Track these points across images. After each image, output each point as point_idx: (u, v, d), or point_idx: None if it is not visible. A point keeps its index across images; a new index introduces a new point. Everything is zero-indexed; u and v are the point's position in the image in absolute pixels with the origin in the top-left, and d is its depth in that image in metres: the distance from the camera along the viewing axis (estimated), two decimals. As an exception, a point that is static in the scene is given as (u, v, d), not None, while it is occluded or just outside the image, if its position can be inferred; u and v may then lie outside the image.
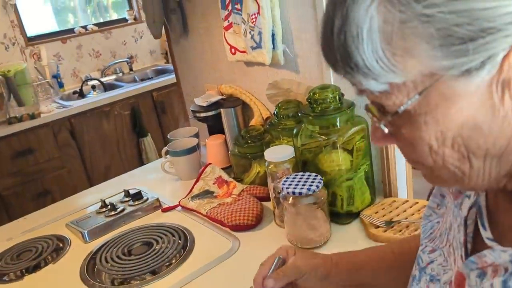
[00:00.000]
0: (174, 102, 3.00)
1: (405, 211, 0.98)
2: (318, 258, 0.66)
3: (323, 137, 0.97)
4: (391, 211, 0.98)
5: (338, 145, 0.96)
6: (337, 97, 0.97)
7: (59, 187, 2.62)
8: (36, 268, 1.05)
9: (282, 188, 0.93)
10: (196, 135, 1.44)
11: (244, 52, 1.20)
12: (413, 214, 0.96)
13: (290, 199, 0.93)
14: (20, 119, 2.41)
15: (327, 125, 0.98)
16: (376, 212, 0.98)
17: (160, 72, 3.21)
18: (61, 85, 2.95)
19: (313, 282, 0.64)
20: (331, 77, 1.06)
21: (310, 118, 0.98)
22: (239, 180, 1.26)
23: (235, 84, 1.37)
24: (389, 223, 0.93)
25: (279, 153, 1.02)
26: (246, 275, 0.89)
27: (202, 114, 1.31)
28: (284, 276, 0.63)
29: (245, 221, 1.04)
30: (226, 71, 1.41)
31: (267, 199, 1.14)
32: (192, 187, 1.25)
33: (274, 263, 0.65)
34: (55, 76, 2.91)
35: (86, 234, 1.12)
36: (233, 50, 1.24)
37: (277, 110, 1.12)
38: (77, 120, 2.64)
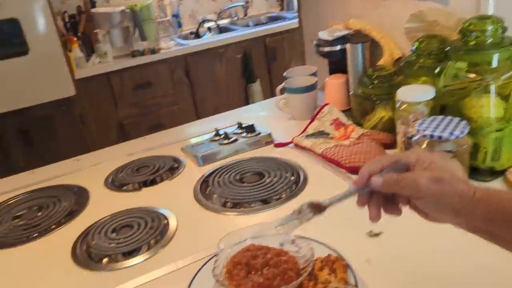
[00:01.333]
0: (286, 49, 2.93)
1: None
2: (453, 185, 0.51)
3: (474, 76, 0.83)
4: (547, 174, 0.82)
5: (492, 88, 0.81)
6: (498, 30, 0.81)
7: (171, 122, 2.75)
8: (152, 182, 1.08)
9: (418, 130, 0.82)
10: (314, 75, 1.36)
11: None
12: None
13: (425, 143, 0.82)
14: (142, 53, 2.54)
15: (481, 62, 0.83)
16: (527, 173, 0.83)
17: (274, 19, 3.14)
18: (179, 25, 3.03)
19: (434, 210, 0.53)
20: (490, 8, 0.88)
21: (461, 53, 0.83)
22: (358, 124, 1.17)
23: (364, 20, 1.24)
24: (546, 186, 0.78)
25: (416, 93, 0.90)
26: (360, 218, 0.82)
27: (326, 49, 1.22)
28: (398, 185, 0.52)
29: (365, 164, 0.95)
30: (355, 6, 1.28)
31: (390, 146, 1.04)
32: (307, 126, 1.19)
33: (394, 165, 0.55)
34: (175, 16, 3.00)
35: (200, 158, 1.13)
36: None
37: (416, 45, 0.99)
38: (192, 59, 2.70)
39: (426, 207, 0.53)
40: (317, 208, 0.64)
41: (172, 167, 1.14)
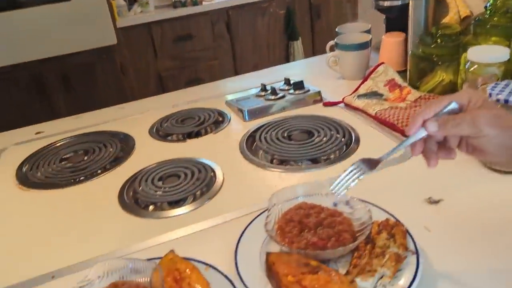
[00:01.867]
0: (332, 7, 2.80)
1: None
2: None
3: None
4: None
5: None
6: None
7: (210, 77, 2.72)
8: (197, 134, 1.07)
9: (490, 94, 0.75)
10: (368, 32, 1.28)
11: None
12: None
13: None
14: (183, 4, 2.48)
15: None
16: None
17: (321, -26, 2.99)
18: (222, -24, 2.93)
19: (496, 146, 0.51)
20: None
21: (548, 11, 0.75)
22: (413, 87, 1.10)
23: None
24: None
25: (488, 53, 0.82)
26: (418, 183, 0.77)
27: (387, 3, 1.14)
28: (457, 126, 0.51)
29: (423, 128, 0.89)
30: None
31: (450, 111, 0.97)
32: (359, 86, 1.13)
33: (446, 107, 0.53)
34: (219, -34, 2.89)
35: (246, 113, 1.10)
36: None
37: (491, 1, 0.90)
38: (234, 12, 2.63)
39: (486, 145, 0.52)
40: (372, 163, 0.61)
41: (216, 121, 1.12)
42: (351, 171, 0.63)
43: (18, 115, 2.24)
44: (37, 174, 0.97)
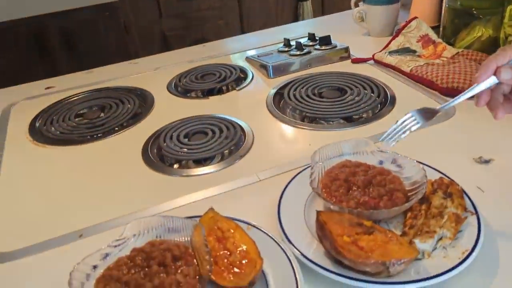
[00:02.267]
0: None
1: None
2: None
3: None
4: None
5: None
6: None
7: (216, 37, 2.62)
8: (219, 91, 1.01)
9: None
10: (397, -14, 1.20)
11: None
12: None
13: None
14: (190, -41, 2.35)
15: None
16: None
17: None
18: None
19: None
20: None
21: None
22: (448, 44, 1.03)
23: None
24: None
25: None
26: (467, 141, 0.73)
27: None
28: None
29: (465, 85, 0.84)
30: None
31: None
32: (390, 42, 1.07)
33: None
34: None
35: (270, 69, 1.03)
36: None
37: None
38: (243, -31, 2.50)
39: None
40: (427, 113, 0.56)
41: (239, 77, 1.06)
42: (404, 121, 0.59)
43: (18, 73, 2.15)
44: (51, 129, 0.91)
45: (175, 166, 0.77)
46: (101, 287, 0.48)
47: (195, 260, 0.50)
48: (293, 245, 0.52)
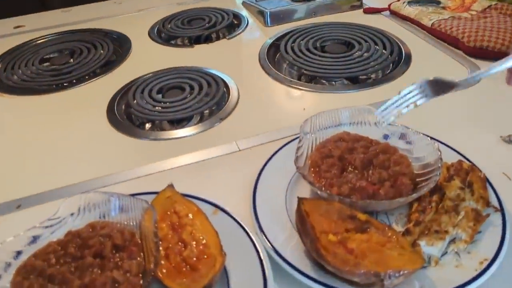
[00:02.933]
0: None
1: None
2: None
3: None
4: None
5: None
6: None
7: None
8: (207, 39, 0.88)
9: None
10: None
11: None
12: None
13: None
14: None
15: None
16: None
17: None
18: None
19: None
20: None
21: None
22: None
23: None
24: None
25: None
26: (488, 121, 0.60)
27: None
28: None
29: (497, 44, 0.70)
30: None
31: (527, 27, 0.77)
32: (410, -10, 0.91)
33: None
34: None
35: (268, 15, 0.89)
36: None
37: None
38: None
39: None
40: (439, 86, 0.45)
41: (231, 24, 0.92)
42: (409, 92, 0.47)
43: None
44: (13, 77, 0.80)
45: (147, 126, 0.66)
46: (19, 280, 0.38)
47: (142, 252, 0.40)
48: (266, 238, 0.42)
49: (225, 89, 0.69)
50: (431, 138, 0.50)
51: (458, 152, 0.50)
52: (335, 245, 0.38)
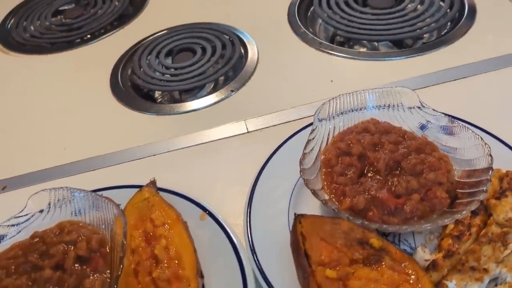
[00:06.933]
0: None
1: None
2: None
3: None
4: None
5: None
6: None
7: None
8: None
9: None
10: None
11: None
12: None
13: None
14: None
15: None
16: None
17: None
18: None
19: None
20: None
21: None
22: None
23: None
24: None
25: None
26: None
27: None
28: None
29: None
30: None
31: None
32: None
33: None
34: None
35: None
36: None
37: None
38: None
39: None
40: None
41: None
42: None
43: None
44: (25, 34, 0.74)
45: (157, 94, 0.59)
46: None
47: (111, 264, 0.35)
48: (256, 258, 0.34)
49: (242, 51, 0.60)
50: (485, 131, 0.39)
51: (519, 155, 0.39)
52: (333, 284, 0.30)
